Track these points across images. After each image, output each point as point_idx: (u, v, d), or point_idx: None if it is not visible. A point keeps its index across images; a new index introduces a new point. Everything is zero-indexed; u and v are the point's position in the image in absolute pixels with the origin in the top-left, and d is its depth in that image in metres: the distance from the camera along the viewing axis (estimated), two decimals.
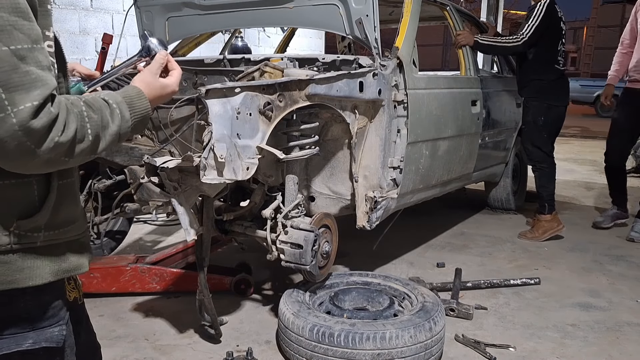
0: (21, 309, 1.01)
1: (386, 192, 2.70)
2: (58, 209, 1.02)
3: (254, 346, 2.33)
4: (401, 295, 2.48)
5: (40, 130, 0.86)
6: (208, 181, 1.89)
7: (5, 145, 0.85)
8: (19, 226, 0.97)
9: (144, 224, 4.19)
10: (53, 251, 1.03)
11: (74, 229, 1.07)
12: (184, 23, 3.13)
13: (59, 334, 1.05)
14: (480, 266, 3.41)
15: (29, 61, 0.87)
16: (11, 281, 0.97)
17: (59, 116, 0.88)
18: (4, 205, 0.96)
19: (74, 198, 1.08)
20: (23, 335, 1.01)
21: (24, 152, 0.87)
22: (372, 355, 2.01)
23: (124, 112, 1.02)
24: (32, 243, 0.99)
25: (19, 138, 0.85)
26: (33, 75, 0.87)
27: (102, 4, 5.61)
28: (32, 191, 0.99)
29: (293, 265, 2.31)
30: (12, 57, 0.85)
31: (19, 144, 0.85)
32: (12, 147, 0.85)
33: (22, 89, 0.85)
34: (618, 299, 2.94)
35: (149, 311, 2.71)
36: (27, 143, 0.86)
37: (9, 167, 0.91)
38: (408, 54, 2.78)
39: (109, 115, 0.99)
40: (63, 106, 0.90)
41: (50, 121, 0.87)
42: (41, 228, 1.00)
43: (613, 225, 4.21)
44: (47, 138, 0.87)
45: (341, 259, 3.32)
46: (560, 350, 2.39)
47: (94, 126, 0.95)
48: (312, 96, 2.22)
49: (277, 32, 8.16)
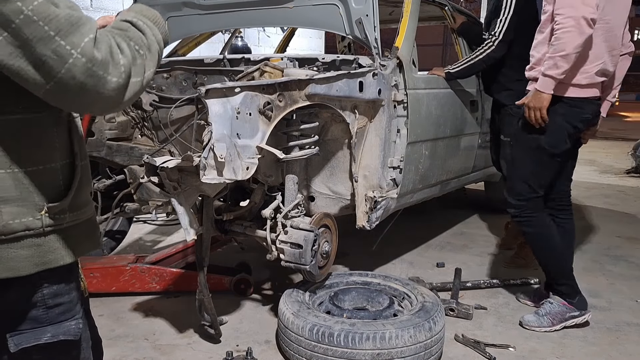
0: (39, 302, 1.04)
1: (386, 192, 2.70)
2: (80, 190, 1.07)
3: (254, 346, 2.33)
4: (401, 295, 2.48)
5: (105, 58, 0.88)
6: (208, 181, 1.89)
7: (87, 86, 0.87)
8: (49, 210, 1.01)
9: (143, 224, 4.19)
10: (76, 231, 1.07)
11: (90, 208, 1.13)
12: (184, 23, 3.13)
13: (75, 327, 1.08)
14: (480, 266, 3.41)
15: (61, 5, 0.88)
16: (45, 262, 1.01)
17: (111, 42, 0.91)
18: (35, 190, 0.99)
19: (89, 179, 1.13)
20: (41, 329, 1.03)
21: (104, 85, 0.89)
22: (371, 355, 2.01)
23: (146, 21, 1.03)
24: (59, 225, 1.03)
25: (94, 73, 0.87)
26: (74, 14, 0.88)
27: (102, 4, 5.61)
28: (58, 175, 1.03)
29: (293, 265, 2.31)
30: (50, 6, 0.86)
31: (97, 79, 0.88)
32: (93, 84, 0.88)
33: (73, 29, 0.86)
34: (618, 299, 2.94)
35: (148, 311, 2.71)
36: (102, 75, 0.88)
37: (102, 108, 0.94)
38: (408, 54, 2.78)
39: (137, 30, 1.00)
40: (107, 33, 0.93)
41: (108, 47, 0.90)
42: (66, 210, 1.04)
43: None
44: (113, 63, 0.90)
45: (341, 259, 3.32)
46: (560, 350, 2.39)
47: (137, 41, 0.97)
48: (312, 96, 2.22)
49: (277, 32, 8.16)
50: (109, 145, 2.92)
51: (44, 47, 0.84)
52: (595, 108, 2.42)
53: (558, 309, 2.53)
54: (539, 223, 2.52)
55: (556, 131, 2.38)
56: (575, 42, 2.17)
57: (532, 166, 2.48)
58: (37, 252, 1.00)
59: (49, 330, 1.04)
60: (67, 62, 0.85)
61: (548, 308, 2.55)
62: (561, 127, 2.37)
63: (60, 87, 0.87)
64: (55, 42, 0.85)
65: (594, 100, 2.39)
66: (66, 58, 0.85)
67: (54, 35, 0.85)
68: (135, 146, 2.97)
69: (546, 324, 2.53)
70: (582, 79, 2.30)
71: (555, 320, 2.52)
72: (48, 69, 0.85)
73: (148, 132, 3.06)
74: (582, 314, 2.53)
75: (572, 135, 2.42)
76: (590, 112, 2.39)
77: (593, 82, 2.33)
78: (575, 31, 2.15)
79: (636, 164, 6.78)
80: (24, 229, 0.98)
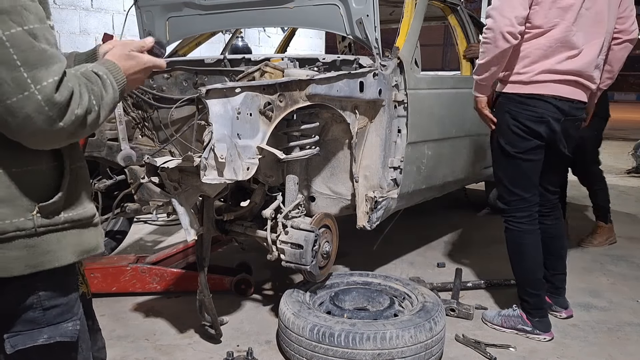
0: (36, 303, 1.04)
1: (386, 192, 2.70)
2: (73, 191, 1.07)
3: (254, 346, 2.33)
4: (401, 295, 2.48)
5: (62, 103, 0.90)
6: (208, 181, 1.89)
7: (32, 121, 0.89)
8: (41, 210, 1.01)
9: (144, 224, 4.19)
10: (73, 233, 1.07)
11: (88, 210, 1.11)
12: (184, 23, 3.13)
13: (73, 329, 1.08)
14: (481, 266, 3.41)
15: (41, 39, 0.91)
16: (38, 264, 1.01)
17: (74, 89, 0.93)
18: (24, 191, 0.99)
19: (86, 182, 1.13)
20: (38, 330, 1.04)
21: (49, 126, 0.90)
22: (372, 355, 2.01)
23: (112, 82, 1.05)
24: (53, 225, 1.03)
25: (45, 113, 0.89)
26: (48, 52, 0.91)
27: (103, 4, 5.61)
28: (48, 175, 1.03)
29: (293, 266, 2.31)
30: (27, 37, 0.89)
31: (46, 118, 0.89)
32: (39, 122, 0.89)
33: (41, 65, 0.89)
34: (618, 299, 2.94)
35: (149, 311, 2.71)
36: (52, 117, 0.90)
37: (35, 142, 0.95)
38: (409, 54, 2.78)
39: (102, 86, 1.02)
40: (75, 79, 0.95)
41: (70, 94, 0.92)
42: (60, 210, 1.04)
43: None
44: (68, 110, 0.92)
45: (341, 259, 3.32)
46: (560, 350, 2.39)
47: (96, 97, 0.99)
48: (313, 96, 2.22)
49: (277, 32, 8.16)
50: (110, 145, 2.93)
51: (5, 72, 0.87)
52: (552, 108, 2.30)
53: (513, 316, 2.55)
54: (515, 234, 2.49)
55: (505, 129, 2.38)
56: (492, 54, 2.25)
57: (502, 167, 2.49)
58: (30, 254, 1.00)
59: (45, 331, 1.05)
60: (22, 92, 0.87)
61: (507, 312, 2.59)
62: (507, 124, 2.37)
63: (7, 111, 0.88)
64: (18, 72, 0.87)
65: (555, 100, 2.29)
66: (23, 89, 0.87)
67: (20, 65, 0.87)
68: (136, 146, 2.97)
69: (497, 322, 2.57)
70: (524, 77, 2.30)
71: (505, 323, 2.55)
72: (2, 92, 0.87)
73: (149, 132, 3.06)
74: (535, 333, 2.47)
75: (527, 133, 2.33)
76: (545, 111, 2.29)
77: (539, 80, 2.28)
78: (491, 44, 2.23)
79: (637, 164, 6.77)
80: (15, 229, 0.98)
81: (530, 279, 2.49)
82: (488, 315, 2.63)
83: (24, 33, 0.89)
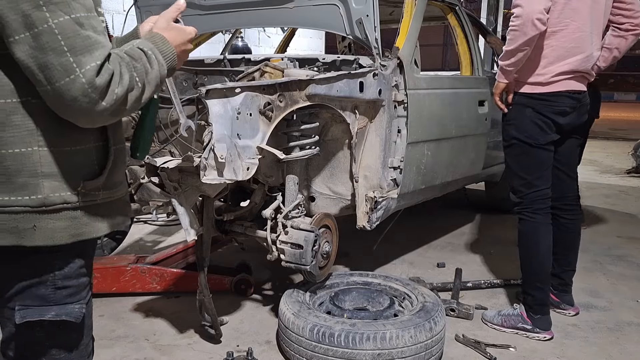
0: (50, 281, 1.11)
1: (386, 192, 2.70)
2: (113, 170, 1.16)
3: (254, 346, 2.33)
4: (401, 295, 2.48)
5: (103, 85, 0.99)
6: (208, 181, 1.89)
7: (77, 102, 0.98)
8: (85, 186, 1.10)
9: (144, 224, 4.19)
10: (108, 208, 1.17)
11: (122, 188, 1.22)
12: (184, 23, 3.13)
13: (79, 311, 1.15)
14: (481, 266, 3.41)
15: (87, 27, 0.99)
16: (79, 234, 1.11)
17: (114, 71, 1.01)
18: (71, 169, 1.09)
19: (123, 162, 1.22)
20: (47, 307, 1.12)
21: (93, 105, 0.99)
22: (372, 355, 2.01)
23: (158, 57, 1.12)
24: (93, 201, 1.13)
25: (88, 95, 0.98)
26: (92, 38, 0.99)
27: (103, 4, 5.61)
28: (93, 156, 1.13)
29: (293, 266, 2.31)
30: (73, 25, 0.98)
31: (89, 100, 0.98)
32: (84, 103, 0.98)
33: (85, 51, 0.97)
34: (618, 299, 2.94)
35: (149, 311, 2.71)
36: (95, 98, 0.98)
37: (82, 121, 1.04)
38: (409, 54, 2.78)
39: (147, 62, 1.09)
40: (117, 61, 1.03)
41: (110, 76, 1.00)
42: (100, 188, 1.14)
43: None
44: (109, 91, 1.00)
45: (341, 259, 3.32)
46: (560, 350, 2.39)
47: (140, 74, 1.07)
48: (313, 96, 2.22)
49: (277, 32, 8.16)
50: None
51: (54, 57, 0.96)
52: (572, 102, 2.45)
53: (513, 315, 2.56)
54: (530, 225, 2.52)
55: (527, 122, 2.46)
56: (521, 40, 2.30)
57: (521, 160, 2.53)
58: (73, 224, 1.10)
59: (54, 309, 1.12)
60: (69, 76, 0.96)
61: (508, 311, 2.60)
62: (529, 118, 2.45)
63: (56, 93, 0.98)
64: (65, 57, 0.96)
65: (570, 94, 2.43)
66: (69, 73, 0.96)
67: (67, 51, 0.96)
68: None
69: (497, 322, 2.58)
70: (543, 79, 2.41)
71: (505, 323, 2.56)
72: (51, 75, 0.96)
73: None
74: (535, 331, 2.48)
75: (548, 126, 2.45)
76: (566, 105, 2.44)
77: (556, 80, 2.40)
78: (520, 31, 2.29)
79: (637, 164, 6.78)
80: (62, 202, 1.08)
81: (541, 272, 2.51)
82: (488, 315, 2.64)
83: (71, 21, 0.97)
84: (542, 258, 2.51)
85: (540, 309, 2.49)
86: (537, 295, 2.49)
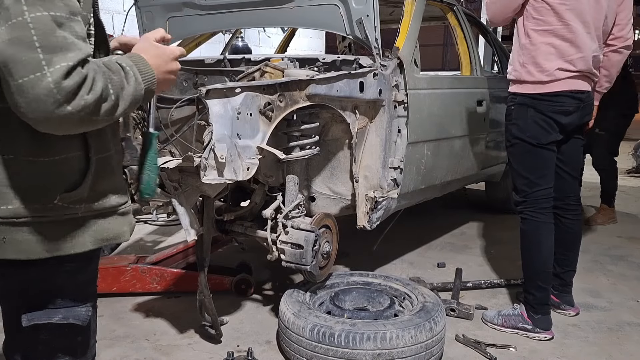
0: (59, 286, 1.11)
1: (386, 192, 2.70)
2: (97, 182, 1.10)
3: (255, 346, 2.33)
4: (402, 295, 2.48)
5: (71, 87, 0.92)
6: (208, 181, 1.89)
7: (40, 101, 0.91)
8: (62, 199, 1.05)
9: (144, 224, 4.19)
10: (93, 221, 1.11)
11: (111, 200, 1.14)
12: (184, 23, 3.13)
13: (85, 314, 1.15)
14: (481, 266, 3.41)
15: (66, 28, 0.94)
16: (56, 249, 1.06)
17: (87, 76, 0.94)
18: (48, 179, 1.03)
19: (112, 171, 1.15)
20: (55, 310, 1.11)
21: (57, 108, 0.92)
22: (372, 355, 2.01)
23: (136, 74, 1.05)
24: (73, 214, 1.07)
25: (53, 95, 0.91)
26: (69, 40, 0.93)
27: (103, 4, 5.61)
28: (74, 166, 1.07)
29: (293, 266, 2.31)
30: (50, 22, 0.92)
31: (53, 101, 0.91)
32: (48, 104, 0.91)
33: (58, 50, 0.92)
34: (619, 299, 2.94)
35: (149, 311, 2.71)
36: (59, 100, 0.91)
37: (43, 126, 0.96)
38: (409, 54, 2.78)
39: (124, 77, 1.03)
40: (92, 67, 0.96)
41: (81, 79, 0.93)
42: (82, 200, 1.08)
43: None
44: (77, 95, 0.93)
45: (341, 259, 3.32)
46: (560, 350, 2.39)
47: (115, 87, 1.00)
48: (313, 96, 2.22)
49: (277, 32, 8.16)
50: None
51: (24, 51, 0.90)
52: (575, 102, 2.44)
53: (514, 315, 2.56)
54: (533, 225, 2.53)
55: (530, 122, 2.46)
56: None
57: (525, 160, 2.53)
58: (49, 239, 1.05)
59: (61, 312, 1.11)
60: (34, 73, 0.90)
61: (508, 311, 2.60)
62: (532, 118, 2.45)
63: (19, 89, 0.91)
64: (35, 52, 0.90)
65: (572, 94, 2.43)
66: (36, 70, 0.90)
67: (38, 47, 0.91)
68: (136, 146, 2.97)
69: (497, 322, 2.58)
70: (544, 77, 2.40)
71: (506, 323, 2.56)
72: (16, 69, 0.91)
73: None
74: (535, 331, 2.48)
75: (551, 126, 2.45)
76: (568, 105, 2.44)
77: (558, 78, 2.40)
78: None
79: (637, 164, 6.78)
80: (34, 214, 1.03)
81: (543, 272, 2.51)
82: (488, 315, 2.63)
83: (49, 18, 0.92)
84: (544, 257, 2.51)
85: (541, 308, 2.49)
86: (538, 294, 2.49)
